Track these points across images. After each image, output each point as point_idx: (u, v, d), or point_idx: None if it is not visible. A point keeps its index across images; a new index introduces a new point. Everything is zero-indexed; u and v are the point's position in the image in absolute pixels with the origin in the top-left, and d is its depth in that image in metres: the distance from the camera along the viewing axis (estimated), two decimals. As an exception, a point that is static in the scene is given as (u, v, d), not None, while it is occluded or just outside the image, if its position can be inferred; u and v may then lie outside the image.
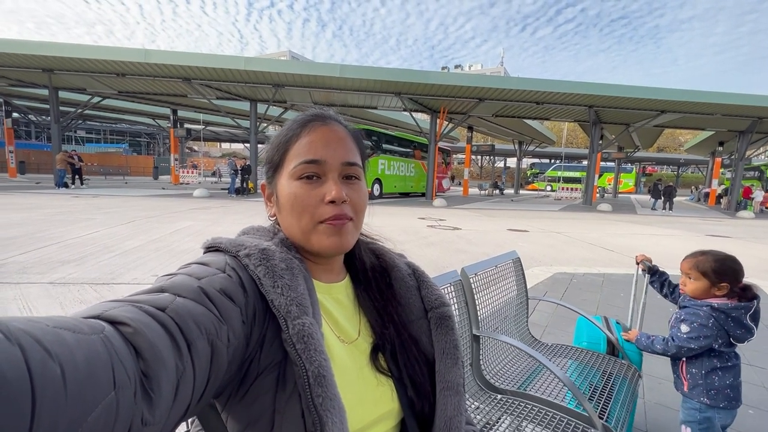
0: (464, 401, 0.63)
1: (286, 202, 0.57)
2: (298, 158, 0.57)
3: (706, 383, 1.41)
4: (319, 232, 0.56)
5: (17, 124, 27.36)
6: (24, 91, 18.58)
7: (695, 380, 1.43)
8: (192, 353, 0.38)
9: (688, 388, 1.46)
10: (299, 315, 0.48)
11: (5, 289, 3.42)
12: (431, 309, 0.67)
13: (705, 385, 1.41)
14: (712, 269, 1.40)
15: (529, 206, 17.21)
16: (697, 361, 1.43)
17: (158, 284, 0.43)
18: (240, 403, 0.49)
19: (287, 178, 0.58)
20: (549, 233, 8.61)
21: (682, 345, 1.40)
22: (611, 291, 4.24)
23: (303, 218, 0.56)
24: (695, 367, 1.44)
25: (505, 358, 1.68)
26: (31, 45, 13.17)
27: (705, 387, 1.41)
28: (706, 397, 1.40)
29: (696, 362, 1.44)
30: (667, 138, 56.53)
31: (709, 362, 1.41)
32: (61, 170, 15.10)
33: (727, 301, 1.39)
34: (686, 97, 14.51)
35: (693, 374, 1.44)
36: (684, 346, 1.40)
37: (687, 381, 1.46)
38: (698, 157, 37.31)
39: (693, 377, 1.44)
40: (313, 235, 0.57)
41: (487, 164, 53.35)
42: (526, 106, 16.98)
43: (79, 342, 0.29)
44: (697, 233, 9.71)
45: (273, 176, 0.61)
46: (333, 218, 0.56)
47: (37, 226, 6.42)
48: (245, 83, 15.17)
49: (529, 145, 30.73)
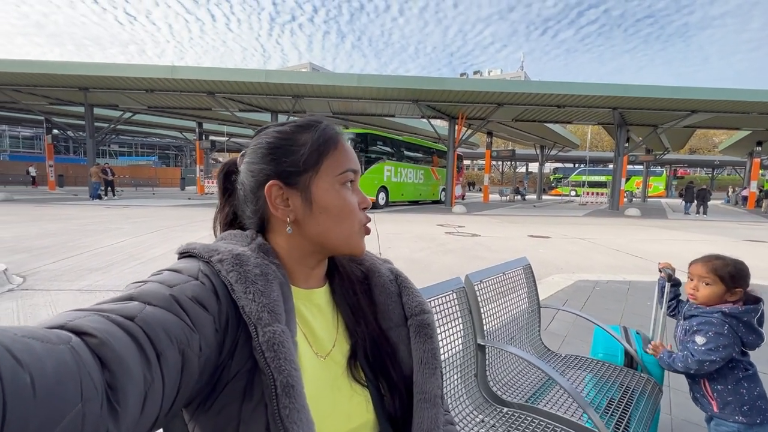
0: (441, 414, 0.61)
1: (333, 207, 0.58)
2: (343, 165, 0.59)
3: (736, 399, 1.30)
4: (360, 235, 0.61)
5: (57, 140, 29.13)
6: (62, 108, 19.78)
7: (724, 398, 1.33)
8: (161, 364, 0.37)
9: (718, 408, 1.34)
10: (270, 322, 0.47)
11: (37, 296, 3.61)
12: (411, 316, 0.65)
13: (736, 401, 1.30)
14: (730, 274, 1.32)
15: (551, 212, 16.76)
16: (720, 376, 1.33)
17: (128, 292, 0.42)
18: (207, 412, 0.48)
19: (332, 183, 0.58)
20: (572, 239, 8.34)
21: (703, 359, 1.30)
22: (637, 300, 4.04)
23: (353, 222, 0.59)
24: (720, 383, 1.34)
25: (514, 369, 1.61)
26: (70, 66, 14.05)
27: (737, 403, 1.30)
28: (741, 414, 1.29)
29: (719, 378, 1.34)
30: (699, 139, 54.06)
31: (731, 374, 1.32)
32: (95, 183, 15.89)
33: (735, 305, 1.32)
34: (719, 96, 13.83)
35: (720, 391, 1.33)
36: (705, 360, 1.30)
37: (715, 401, 1.35)
38: (734, 158, 35.45)
39: (721, 395, 1.33)
40: (354, 238, 0.60)
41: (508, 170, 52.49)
42: (547, 110, 16.64)
43: (48, 352, 0.28)
44: (734, 238, 9.17)
45: (298, 178, 0.57)
46: (367, 222, 0.62)
47: (70, 236, 6.76)
48: (266, 95, 15.60)
49: (552, 149, 30.05)
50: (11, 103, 18.23)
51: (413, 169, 18.17)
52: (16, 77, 14.35)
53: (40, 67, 13.80)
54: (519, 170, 48.35)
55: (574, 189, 36.43)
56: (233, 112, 17.56)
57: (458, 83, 14.95)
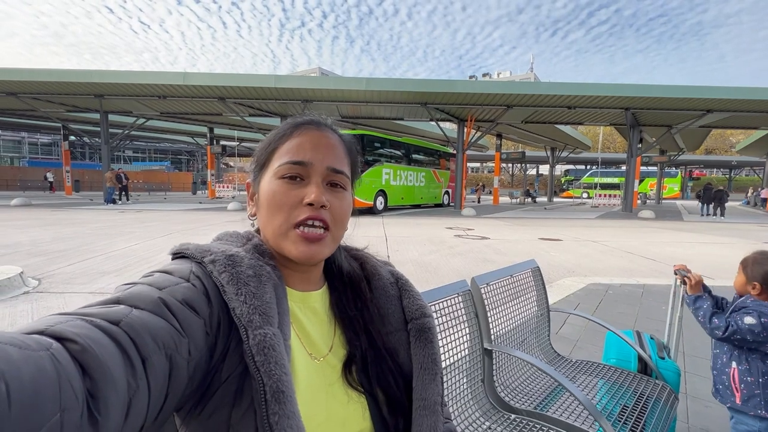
0: (441, 422, 0.58)
1: (264, 200, 0.56)
2: (284, 157, 0.56)
3: (764, 393, 1.29)
4: (290, 238, 0.54)
5: (73, 147, 29.91)
6: (78, 116, 20.30)
7: (751, 390, 1.31)
8: (147, 370, 0.36)
9: (741, 400, 1.33)
10: (261, 325, 0.46)
11: (51, 299, 3.67)
12: (411, 320, 0.63)
13: (763, 395, 1.29)
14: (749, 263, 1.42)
15: (563, 214, 16.52)
16: (752, 367, 1.32)
17: (115, 295, 0.41)
18: (198, 417, 0.47)
19: (270, 177, 0.56)
20: (584, 242, 8.19)
21: (739, 334, 1.33)
22: (651, 304, 3.94)
23: (278, 217, 0.54)
24: (750, 374, 1.31)
25: (523, 375, 1.57)
26: (86, 74, 14.40)
27: (763, 397, 1.28)
28: (764, 409, 1.27)
29: (751, 369, 1.32)
30: (715, 139, 52.84)
31: (766, 369, 1.29)
32: (110, 188, 16.25)
33: None
34: (735, 95, 13.50)
35: (748, 383, 1.32)
36: (740, 336, 1.33)
37: (740, 392, 1.34)
38: (752, 158, 34.55)
39: (748, 386, 1.32)
40: (284, 240, 0.54)
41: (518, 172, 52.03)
42: (558, 111, 16.45)
43: (26, 359, 0.27)
44: (754, 241, 8.90)
45: (258, 175, 0.60)
46: (307, 218, 0.53)
47: (85, 239, 6.89)
48: (276, 100, 15.77)
49: (563, 151, 29.67)
50: (30, 111, 18.77)
51: (414, 171, 17.22)
52: (36, 86, 14.79)
53: (58, 75, 14.19)
54: (529, 172, 47.87)
55: (585, 191, 35.88)
56: (243, 117, 17.78)
57: (467, 85, 14.90)
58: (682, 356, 2.74)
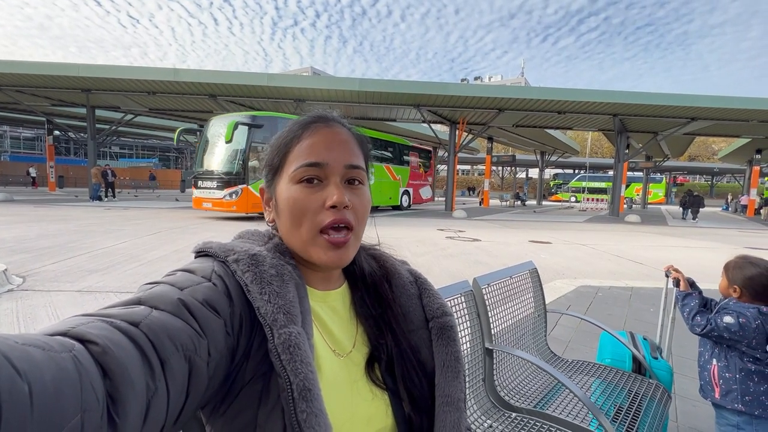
0: (465, 418, 0.59)
1: (284, 207, 0.55)
2: (298, 161, 0.54)
3: (741, 388, 1.36)
4: (317, 245, 0.53)
5: (58, 142, 29.16)
6: (64, 110, 19.81)
7: (729, 385, 1.39)
8: (166, 372, 0.36)
9: (720, 395, 1.41)
10: (286, 324, 0.46)
11: (36, 297, 3.58)
12: (432, 318, 0.64)
13: (740, 390, 1.36)
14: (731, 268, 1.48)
15: (552, 217, 16.76)
16: (731, 364, 1.39)
17: (137, 295, 0.41)
18: (223, 416, 0.47)
19: (287, 182, 0.55)
20: (573, 245, 8.33)
21: (717, 331, 1.40)
22: (639, 306, 4.03)
23: (303, 225, 0.53)
24: (728, 371, 1.39)
25: (522, 374, 1.59)
26: (73, 67, 14.06)
27: (740, 392, 1.36)
28: (741, 403, 1.35)
29: (729, 365, 1.39)
30: (699, 146, 54.20)
31: (743, 365, 1.36)
32: (95, 184, 15.89)
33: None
34: (718, 104, 13.89)
35: (726, 379, 1.40)
36: (717, 333, 1.40)
37: (719, 387, 1.42)
38: (734, 165, 35.53)
39: (726, 382, 1.40)
40: (311, 247, 0.53)
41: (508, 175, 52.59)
42: (548, 116, 16.70)
43: (48, 360, 0.27)
44: (735, 245, 9.16)
45: (272, 180, 0.58)
46: (333, 223, 0.53)
47: (70, 237, 6.73)
48: (268, 98, 15.64)
49: (552, 155, 30.13)
50: (14, 104, 18.25)
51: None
52: (20, 78, 14.38)
53: (44, 68, 13.83)
54: (519, 176, 48.44)
55: (574, 195, 36.45)
56: (235, 115, 17.59)
57: (460, 89, 15.00)
58: (671, 356, 2.81)
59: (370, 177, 0.65)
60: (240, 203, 10.60)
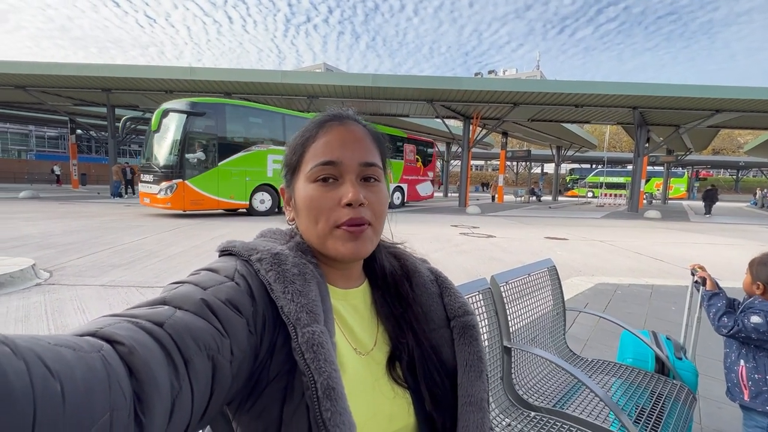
0: (488, 418, 0.58)
1: (302, 206, 0.56)
2: (314, 160, 0.55)
3: None
4: (335, 237, 0.54)
5: (80, 140, 30.04)
6: (85, 109, 20.38)
7: (759, 387, 1.35)
8: (189, 371, 0.37)
9: (749, 397, 1.37)
10: (309, 323, 0.46)
11: (63, 291, 3.72)
12: (454, 317, 0.63)
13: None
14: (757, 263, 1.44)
15: (568, 213, 16.46)
16: (759, 365, 1.35)
17: (163, 294, 0.42)
18: (248, 413, 0.47)
19: (304, 181, 0.56)
20: (590, 241, 8.16)
21: (744, 332, 1.36)
22: (660, 304, 3.92)
23: (319, 222, 0.54)
24: (758, 372, 1.34)
25: (540, 373, 1.58)
26: (94, 68, 14.46)
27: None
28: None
29: (758, 366, 1.35)
30: (723, 139, 52.33)
31: None
32: (116, 181, 16.34)
33: None
34: (745, 95, 13.34)
35: (756, 380, 1.35)
36: (745, 334, 1.36)
37: (748, 389, 1.37)
38: (761, 159, 34.21)
39: (756, 383, 1.35)
40: (329, 240, 0.54)
41: (523, 170, 51.81)
42: (564, 110, 16.35)
43: (79, 360, 0.28)
44: (761, 243, 8.83)
45: (291, 179, 0.59)
46: (349, 222, 0.53)
47: (93, 233, 6.95)
48: (281, 95, 15.76)
49: (568, 149, 29.51)
50: (38, 104, 18.88)
51: None
52: (44, 79, 14.87)
53: (67, 69, 14.25)
54: (534, 171, 47.66)
55: (591, 190, 35.69)
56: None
57: (473, 83, 14.81)
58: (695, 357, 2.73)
59: (388, 174, 0.64)
60: (174, 199, 9.57)
